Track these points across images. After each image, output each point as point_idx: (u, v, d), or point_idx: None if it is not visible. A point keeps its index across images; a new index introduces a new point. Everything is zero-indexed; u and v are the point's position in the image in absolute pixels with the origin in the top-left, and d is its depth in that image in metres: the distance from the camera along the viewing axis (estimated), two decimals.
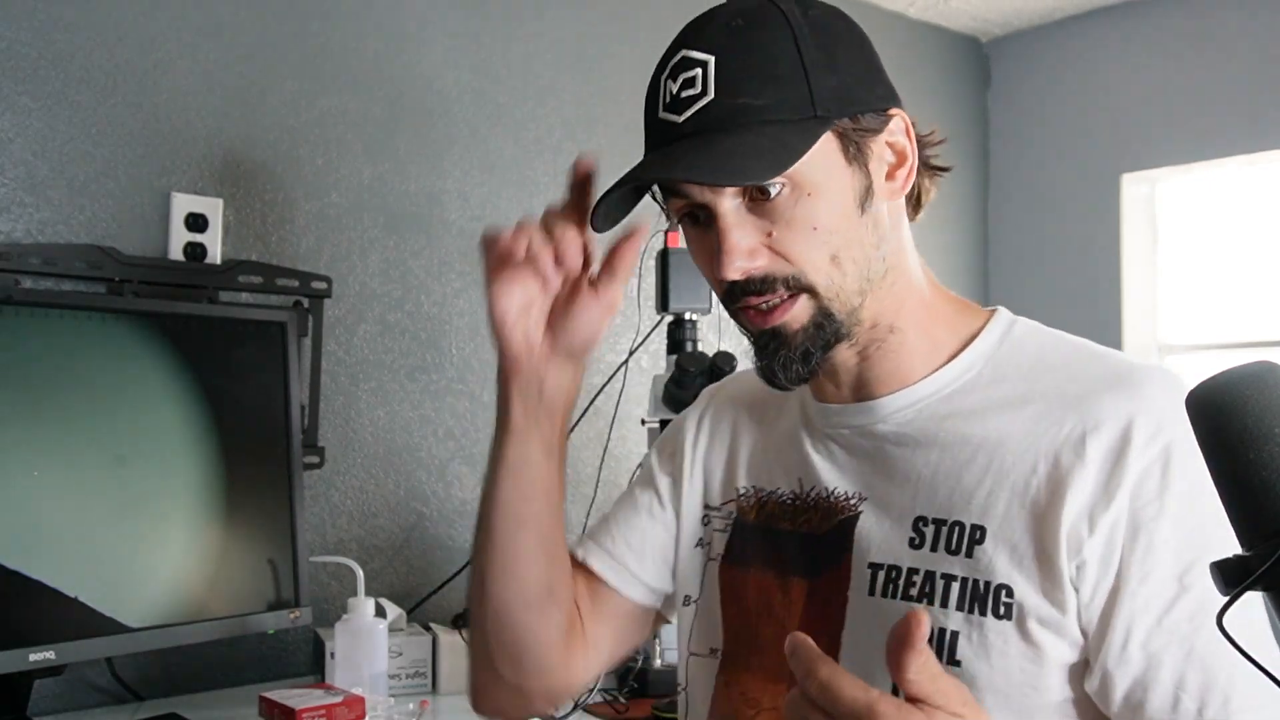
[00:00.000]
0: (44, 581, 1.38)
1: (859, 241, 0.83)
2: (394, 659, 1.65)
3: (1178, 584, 0.77)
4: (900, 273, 0.88)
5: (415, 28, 2.05)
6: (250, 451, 1.61)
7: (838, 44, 0.84)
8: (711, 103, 0.84)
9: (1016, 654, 0.80)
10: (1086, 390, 0.83)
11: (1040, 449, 0.82)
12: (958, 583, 0.82)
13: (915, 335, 0.89)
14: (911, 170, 0.86)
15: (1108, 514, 0.78)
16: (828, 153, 0.82)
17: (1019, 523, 0.81)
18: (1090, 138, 2.90)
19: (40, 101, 1.66)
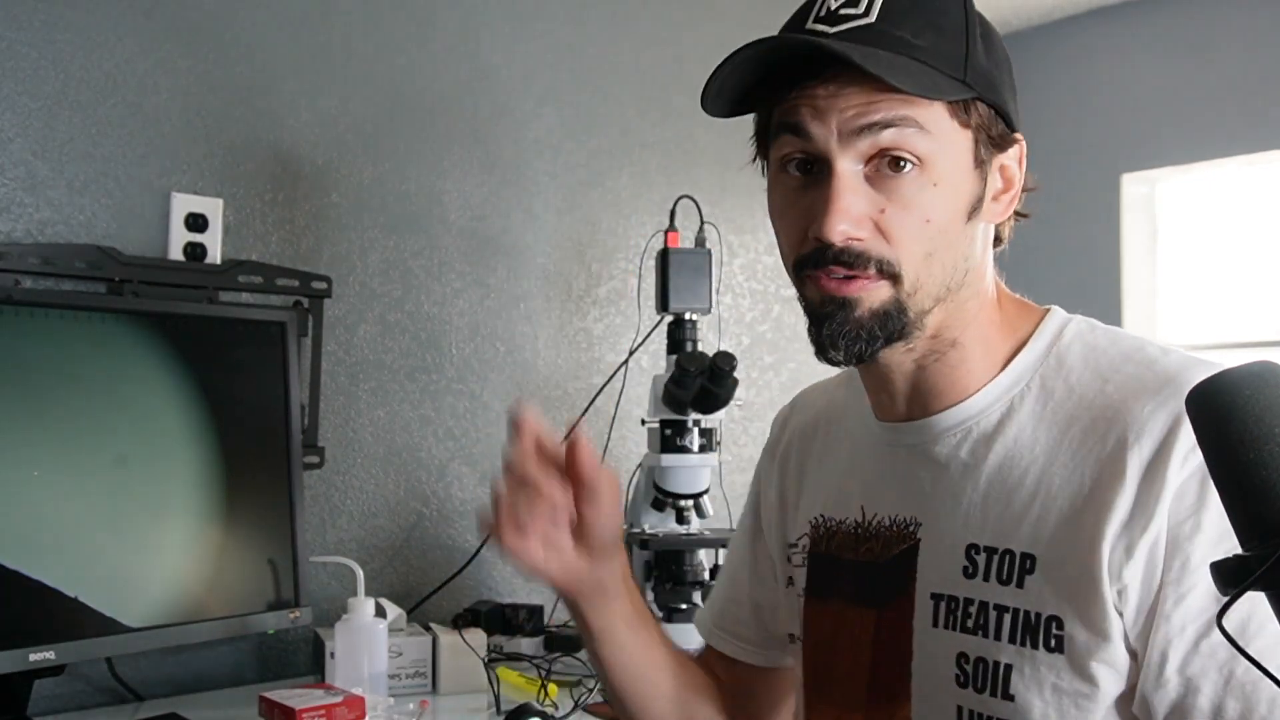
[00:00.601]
0: (44, 581, 1.38)
1: (955, 248, 0.82)
2: (394, 659, 1.65)
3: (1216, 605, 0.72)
4: (975, 292, 0.86)
5: (415, 28, 2.05)
6: (250, 451, 1.61)
7: (996, 41, 0.83)
8: (871, 25, 0.78)
9: (1069, 689, 0.78)
10: (1129, 398, 0.79)
11: (1086, 468, 0.79)
12: (1009, 614, 0.80)
13: (974, 351, 0.86)
14: (1015, 198, 0.85)
15: (1147, 533, 0.75)
16: (962, 148, 0.80)
17: (1066, 549, 0.78)
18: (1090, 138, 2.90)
19: (40, 101, 1.66)
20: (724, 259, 2.42)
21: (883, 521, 0.91)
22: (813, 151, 0.80)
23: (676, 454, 1.78)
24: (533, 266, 2.19)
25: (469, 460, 2.09)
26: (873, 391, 0.92)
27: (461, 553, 2.05)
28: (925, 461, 0.88)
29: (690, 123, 2.44)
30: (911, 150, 0.78)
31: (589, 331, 2.27)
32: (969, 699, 0.81)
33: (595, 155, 2.30)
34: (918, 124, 0.77)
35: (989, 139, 0.81)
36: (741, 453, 2.52)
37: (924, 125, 0.78)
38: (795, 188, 0.83)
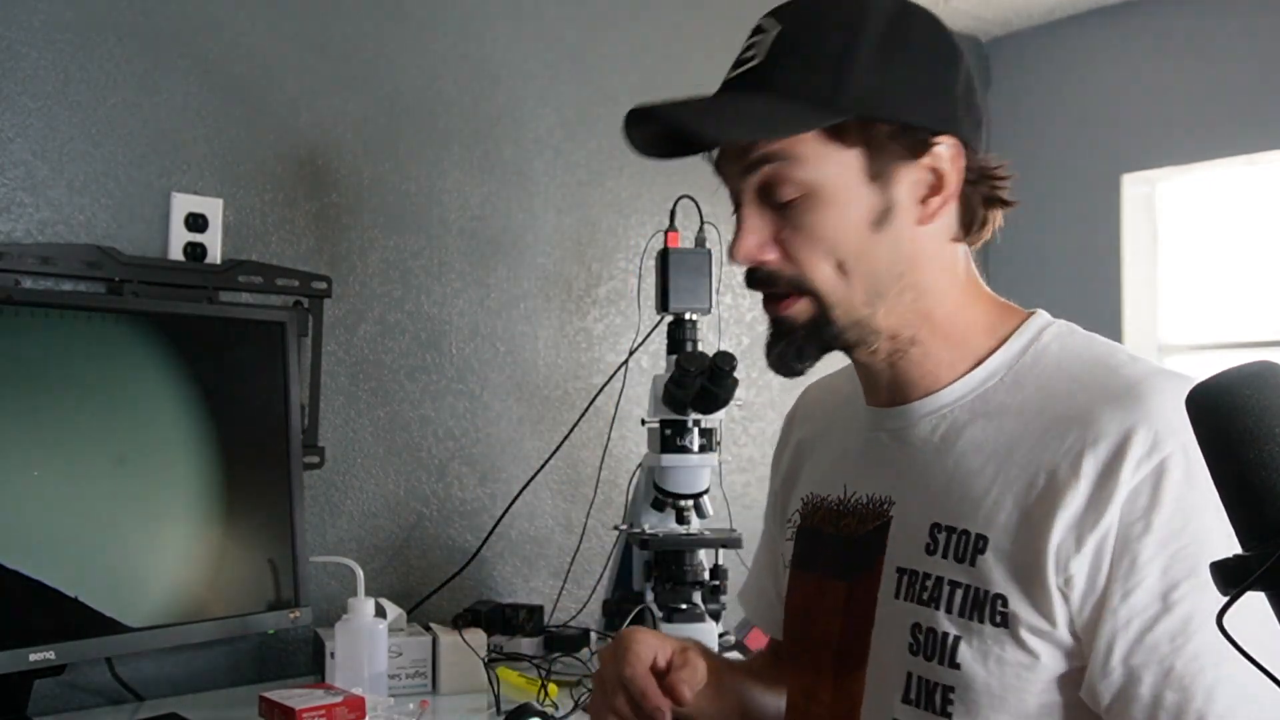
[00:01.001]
0: (44, 581, 1.38)
1: (870, 257, 0.85)
2: (394, 659, 1.65)
3: (1161, 602, 0.77)
4: (925, 290, 0.88)
5: (415, 28, 2.05)
6: (250, 451, 1.61)
7: (904, 52, 0.84)
8: (756, 66, 0.85)
9: (1012, 660, 0.82)
10: (1092, 402, 0.83)
11: (1043, 461, 0.83)
12: (960, 589, 0.85)
13: (939, 346, 0.90)
14: (947, 199, 0.86)
15: (1096, 530, 0.79)
16: (848, 168, 0.84)
17: (1016, 535, 0.83)
18: (1090, 138, 2.90)
19: (40, 101, 1.66)
20: (724, 259, 2.42)
21: (861, 499, 0.96)
22: (730, 189, 0.89)
23: (676, 454, 1.78)
24: (533, 266, 2.19)
25: (469, 460, 2.09)
26: (862, 380, 0.98)
27: (461, 553, 2.05)
28: (902, 445, 0.93)
29: None
30: (789, 181, 0.84)
31: (589, 331, 2.27)
32: (919, 666, 0.87)
33: (595, 155, 2.30)
34: (790, 156, 0.84)
35: (890, 149, 0.84)
36: (741, 453, 2.52)
37: (797, 156, 0.83)
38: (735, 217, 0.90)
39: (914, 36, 0.85)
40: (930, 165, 0.85)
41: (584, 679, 1.75)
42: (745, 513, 2.49)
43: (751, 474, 2.54)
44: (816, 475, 1.04)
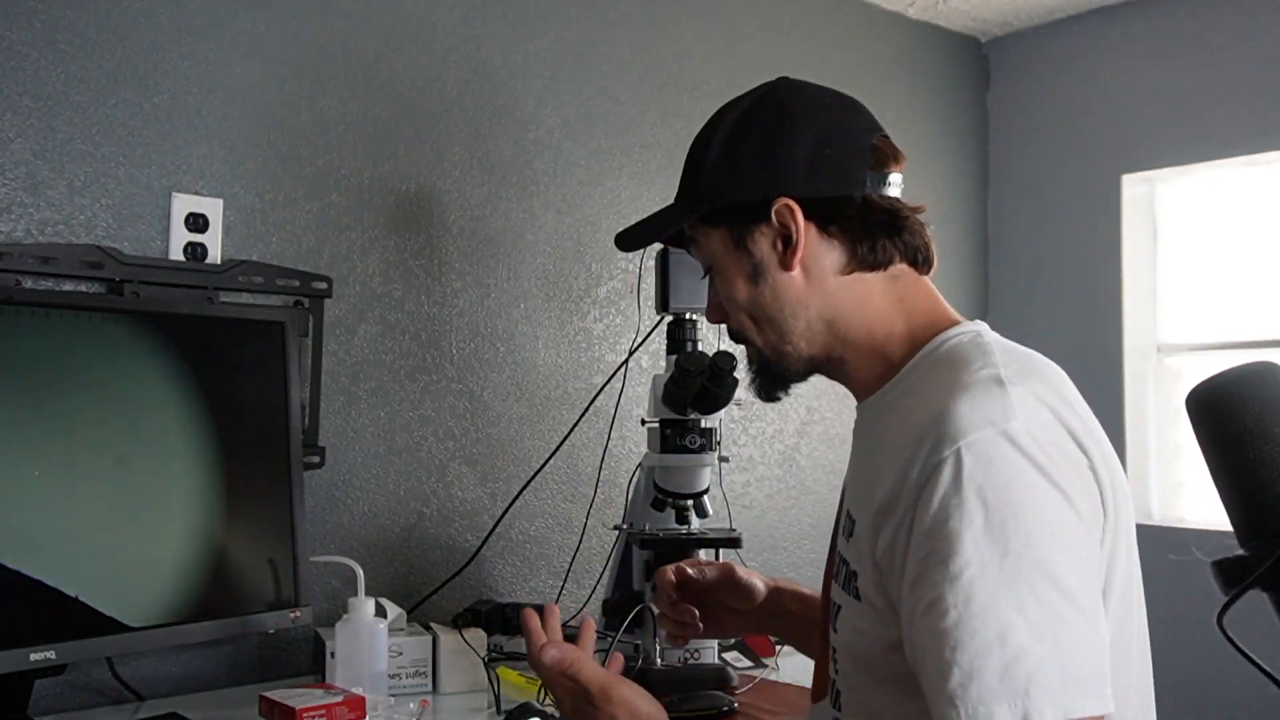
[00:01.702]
0: (44, 581, 1.38)
1: (761, 305, 1.05)
2: (394, 659, 1.65)
3: (919, 587, 0.85)
4: (834, 319, 1.04)
5: (415, 28, 2.05)
6: (250, 451, 1.61)
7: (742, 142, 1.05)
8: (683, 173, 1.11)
9: (868, 629, 0.94)
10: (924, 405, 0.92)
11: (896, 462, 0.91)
12: (844, 566, 0.99)
13: (864, 360, 1.05)
14: (796, 248, 1.02)
15: (891, 522, 0.89)
16: (721, 242, 1.06)
17: (863, 522, 0.95)
18: (1090, 138, 2.90)
19: (40, 101, 1.66)
20: None
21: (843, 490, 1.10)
22: None
23: (676, 454, 1.78)
24: (533, 266, 2.19)
25: (469, 460, 2.09)
26: None
27: (461, 553, 2.05)
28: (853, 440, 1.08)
29: (690, 123, 2.43)
30: (701, 258, 1.11)
31: (589, 331, 2.28)
32: (831, 634, 1.02)
33: (595, 155, 2.30)
34: (693, 241, 1.11)
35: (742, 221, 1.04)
36: (741, 453, 2.52)
37: (695, 241, 1.10)
38: None
39: (756, 124, 1.05)
40: (777, 224, 1.02)
41: None
42: (745, 513, 2.49)
43: (751, 474, 2.54)
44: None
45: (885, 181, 1.03)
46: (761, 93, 1.07)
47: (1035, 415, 0.87)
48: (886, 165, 1.03)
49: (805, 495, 2.64)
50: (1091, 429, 0.92)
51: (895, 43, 2.91)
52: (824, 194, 1.02)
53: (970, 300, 3.00)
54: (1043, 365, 0.98)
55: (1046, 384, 0.92)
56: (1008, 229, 3.04)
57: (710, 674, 1.71)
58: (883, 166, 1.03)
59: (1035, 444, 0.84)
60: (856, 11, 2.81)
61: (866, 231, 1.02)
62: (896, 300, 1.04)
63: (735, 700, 1.64)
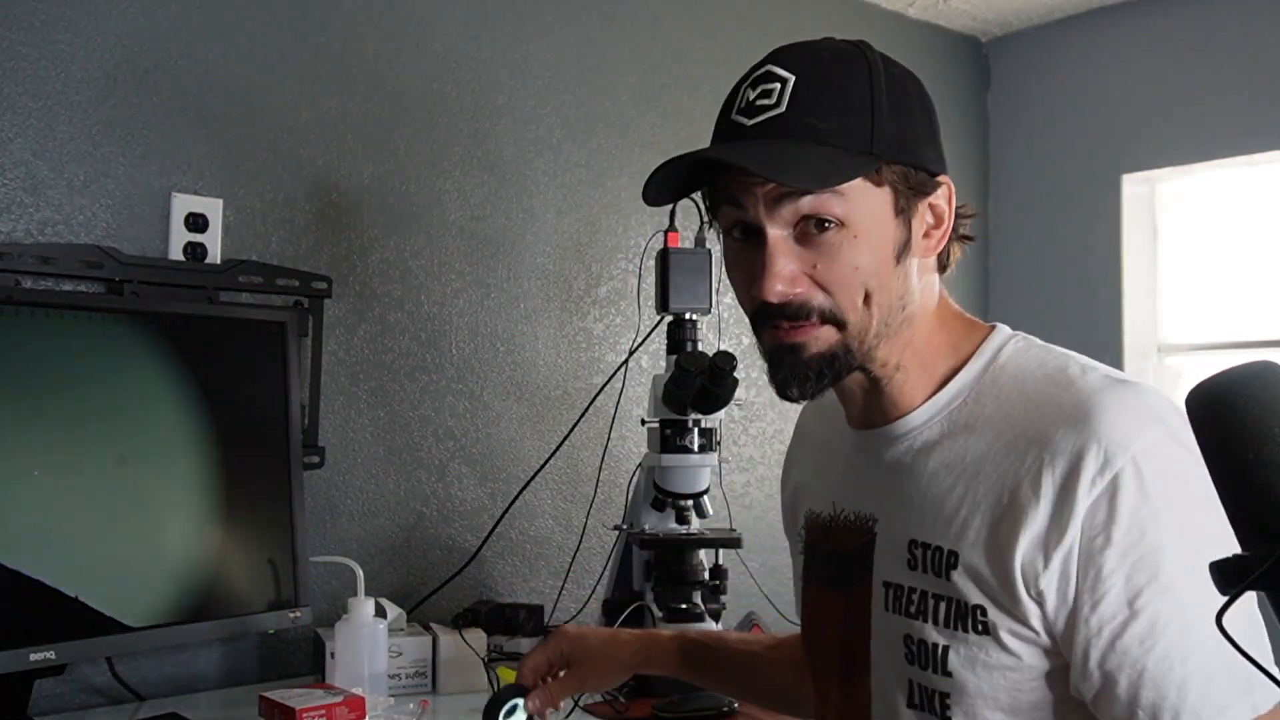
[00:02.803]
0: (44, 581, 1.38)
1: (890, 288, 0.91)
2: (394, 659, 1.65)
3: (1128, 609, 0.82)
4: (911, 319, 0.95)
5: (415, 28, 2.05)
6: (250, 451, 1.61)
7: (907, 100, 0.92)
8: (781, 115, 0.89)
9: (998, 663, 0.88)
10: (1048, 421, 0.87)
11: (1006, 481, 0.88)
12: (943, 602, 0.91)
13: (915, 371, 0.96)
14: (946, 234, 0.94)
15: (1060, 547, 0.84)
16: (879, 202, 0.90)
17: (983, 551, 0.88)
18: (1090, 138, 2.90)
19: (40, 101, 1.66)
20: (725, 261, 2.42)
21: (849, 516, 1.03)
22: (747, 220, 0.91)
23: (676, 454, 1.78)
24: (533, 266, 2.19)
25: (469, 460, 2.09)
26: (842, 404, 1.03)
27: (461, 553, 2.05)
28: (880, 465, 0.99)
29: (690, 123, 2.44)
30: (829, 213, 0.88)
31: (589, 331, 2.27)
32: (916, 674, 0.93)
33: (595, 155, 2.30)
34: (833, 190, 0.87)
35: (908, 189, 0.91)
36: (741, 453, 2.52)
37: (839, 190, 0.88)
38: (739, 250, 0.94)
39: (907, 87, 0.93)
40: (932, 203, 0.93)
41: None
42: (745, 513, 2.49)
43: (751, 474, 2.54)
44: (814, 492, 1.10)
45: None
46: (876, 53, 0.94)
47: (1172, 407, 0.85)
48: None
49: None
50: None
51: (895, 42, 2.89)
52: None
53: (970, 300, 3.00)
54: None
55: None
56: (1008, 229, 3.04)
57: None
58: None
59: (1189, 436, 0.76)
60: (856, 11, 2.81)
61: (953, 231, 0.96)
62: (943, 305, 0.98)
63: (735, 700, 1.64)
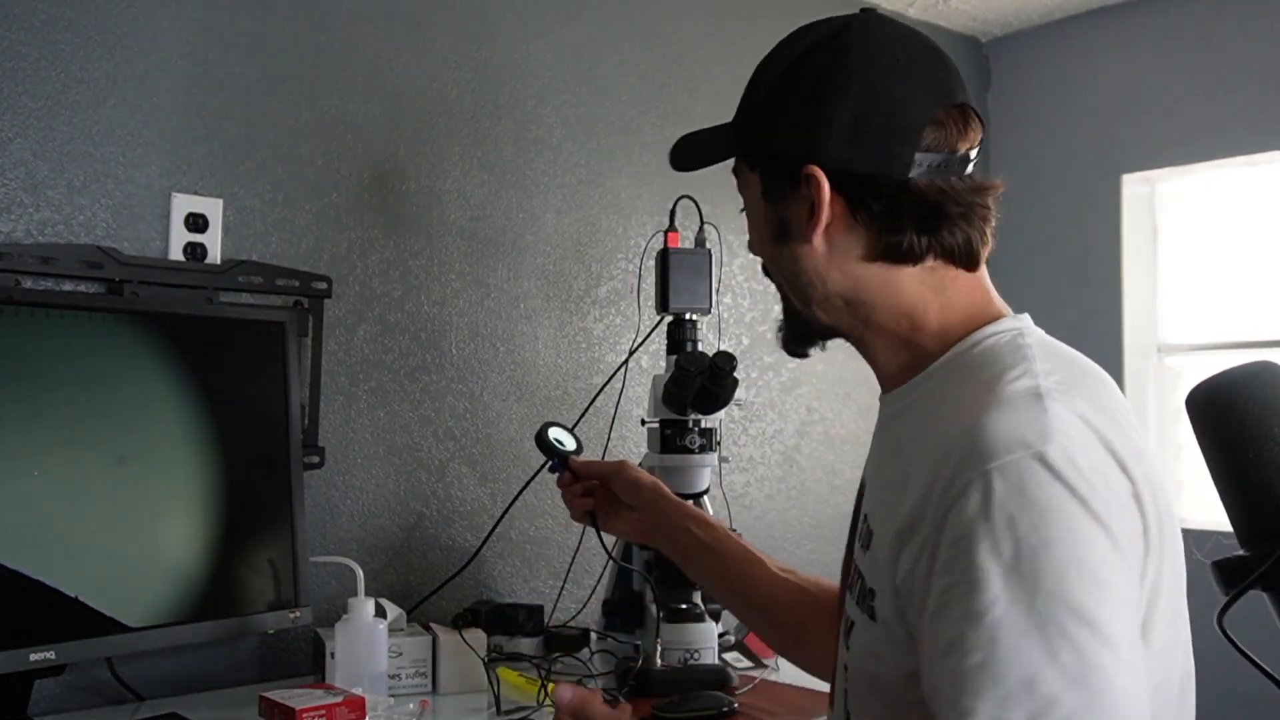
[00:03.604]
0: (44, 581, 1.38)
1: (781, 264, 0.97)
2: (394, 659, 1.65)
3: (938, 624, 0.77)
4: (855, 301, 0.94)
5: (415, 28, 2.05)
6: (250, 451, 1.61)
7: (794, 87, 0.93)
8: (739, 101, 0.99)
9: (886, 654, 0.86)
10: (950, 419, 0.83)
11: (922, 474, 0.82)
12: (860, 580, 0.91)
13: (886, 348, 0.96)
14: (817, 222, 0.92)
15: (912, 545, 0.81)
16: (753, 186, 0.97)
17: (881, 536, 0.87)
18: (1090, 138, 2.90)
19: (40, 101, 1.66)
20: (724, 259, 2.42)
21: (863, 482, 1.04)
22: None
23: (676, 454, 1.78)
24: (533, 266, 2.19)
25: (469, 460, 2.09)
26: None
27: (461, 553, 2.05)
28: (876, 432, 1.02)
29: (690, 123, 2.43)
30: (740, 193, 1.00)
31: (589, 331, 2.27)
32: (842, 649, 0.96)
33: (595, 155, 2.30)
34: (737, 175, 1.00)
35: (774, 176, 0.95)
36: (741, 453, 2.52)
37: (738, 176, 1.00)
38: None
39: (812, 68, 0.92)
40: (805, 193, 0.92)
41: (584, 679, 1.75)
42: (745, 513, 2.49)
43: (751, 474, 2.54)
44: None
45: (944, 163, 0.89)
46: (836, 26, 0.94)
47: (1076, 436, 0.77)
48: (947, 143, 0.90)
49: (805, 495, 2.64)
50: (1137, 449, 0.81)
51: None
52: (859, 170, 0.89)
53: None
54: (1087, 372, 0.89)
55: (1090, 397, 0.83)
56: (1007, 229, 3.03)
57: (710, 674, 1.71)
58: (942, 145, 0.90)
59: (1074, 470, 0.75)
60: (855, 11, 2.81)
61: (893, 223, 0.90)
62: (932, 291, 0.93)
63: (735, 700, 1.64)
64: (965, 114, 0.92)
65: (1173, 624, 0.83)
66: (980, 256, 0.96)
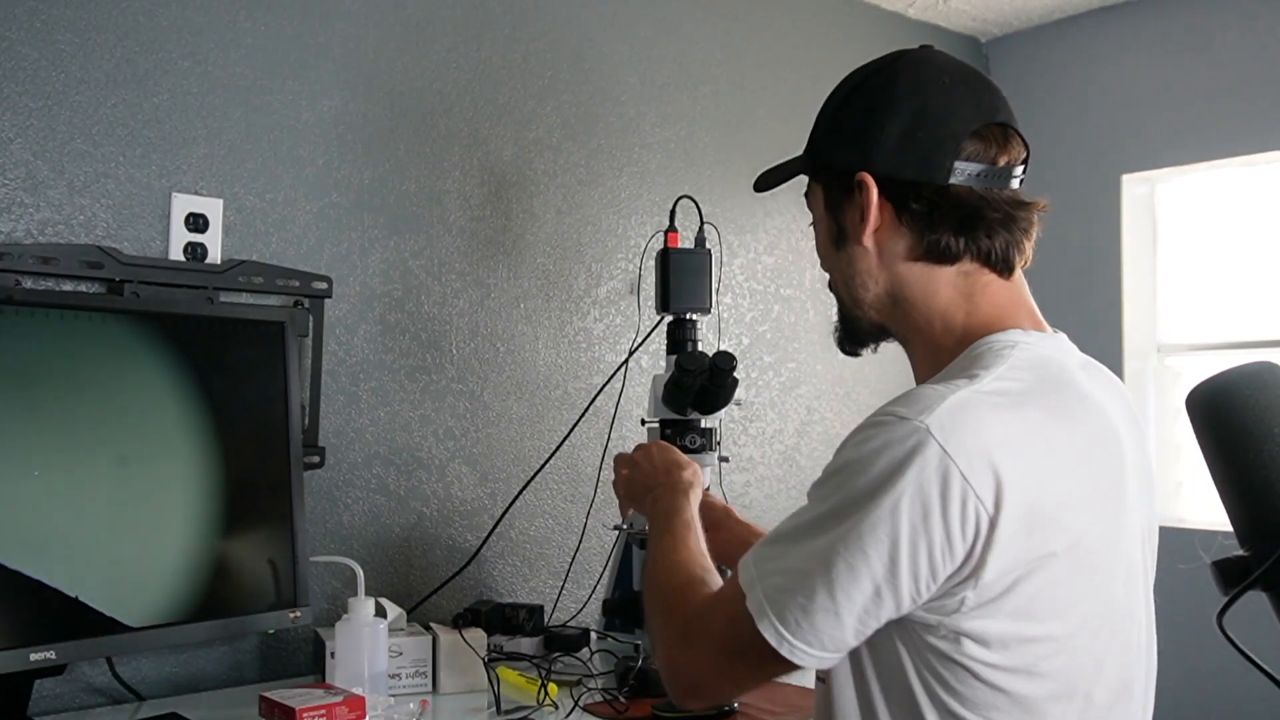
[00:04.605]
0: (44, 581, 1.38)
1: (840, 271, 1.10)
2: (394, 659, 1.65)
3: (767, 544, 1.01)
4: (901, 300, 1.06)
5: (416, 28, 2.05)
6: (250, 451, 1.61)
7: (849, 108, 1.07)
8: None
9: None
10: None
11: None
12: None
13: (922, 347, 1.07)
14: (867, 224, 1.04)
15: None
16: (817, 200, 1.11)
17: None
18: (1090, 138, 2.90)
19: (40, 101, 1.66)
20: (724, 259, 2.42)
21: None
22: None
23: None
24: (533, 266, 2.19)
25: (469, 460, 2.09)
26: None
27: (461, 553, 2.05)
28: None
29: (690, 123, 2.44)
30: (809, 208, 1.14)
31: (589, 331, 2.28)
32: None
33: (595, 155, 2.30)
34: (808, 191, 1.14)
35: (834, 187, 1.08)
36: (741, 453, 2.52)
37: (809, 194, 1.13)
38: None
39: (865, 91, 1.06)
40: (858, 199, 1.04)
41: (584, 679, 1.75)
42: (745, 513, 2.48)
43: (751, 474, 2.54)
44: None
45: (985, 173, 1.00)
46: (891, 58, 1.08)
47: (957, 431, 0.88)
48: (988, 155, 1.01)
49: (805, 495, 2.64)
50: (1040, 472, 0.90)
51: (895, 43, 2.88)
52: (904, 176, 1.01)
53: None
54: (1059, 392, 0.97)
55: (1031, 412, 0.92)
56: None
57: None
58: (982, 156, 1.01)
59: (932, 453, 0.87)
60: (856, 11, 2.81)
61: (933, 223, 1.01)
62: (964, 296, 1.03)
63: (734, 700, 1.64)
64: (1006, 132, 1.04)
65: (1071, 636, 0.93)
66: (1015, 264, 1.04)
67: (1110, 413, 1.00)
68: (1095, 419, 0.98)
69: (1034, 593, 0.90)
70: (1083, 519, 0.93)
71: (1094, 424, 0.97)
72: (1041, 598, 0.91)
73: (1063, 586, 0.92)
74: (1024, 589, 0.90)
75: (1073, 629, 0.93)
